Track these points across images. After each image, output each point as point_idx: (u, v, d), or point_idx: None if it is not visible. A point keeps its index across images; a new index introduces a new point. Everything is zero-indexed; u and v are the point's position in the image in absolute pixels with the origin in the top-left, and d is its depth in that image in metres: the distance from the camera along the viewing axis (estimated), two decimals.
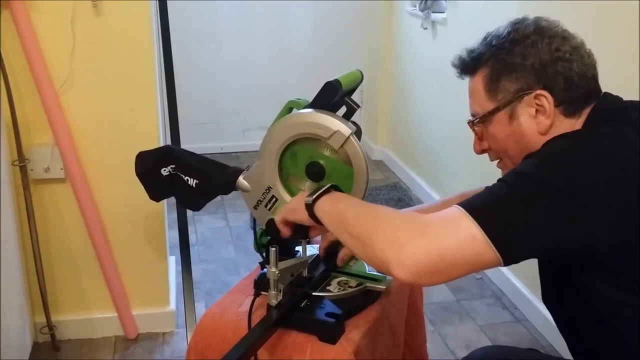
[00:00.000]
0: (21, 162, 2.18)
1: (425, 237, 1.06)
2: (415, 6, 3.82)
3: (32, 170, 2.24)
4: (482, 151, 1.34)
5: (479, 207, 1.07)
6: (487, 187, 1.12)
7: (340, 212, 1.23)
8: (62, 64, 2.15)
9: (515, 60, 1.21)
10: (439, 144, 3.62)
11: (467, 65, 1.30)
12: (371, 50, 4.53)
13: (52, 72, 2.15)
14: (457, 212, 1.07)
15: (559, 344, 2.37)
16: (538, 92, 1.20)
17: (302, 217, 1.31)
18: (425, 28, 3.66)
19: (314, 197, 1.28)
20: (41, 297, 2.34)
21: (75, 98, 2.20)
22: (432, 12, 3.59)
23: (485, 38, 1.28)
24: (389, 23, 4.29)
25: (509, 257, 1.05)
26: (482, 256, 1.04)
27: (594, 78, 1.23)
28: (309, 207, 1.28)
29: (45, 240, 2.32)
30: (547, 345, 2.47)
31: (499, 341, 2.53)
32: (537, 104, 1.20)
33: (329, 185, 1.34)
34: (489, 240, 1.03)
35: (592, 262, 1.08)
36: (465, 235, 1.04)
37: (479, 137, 1.32)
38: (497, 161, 1.34)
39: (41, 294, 2.33)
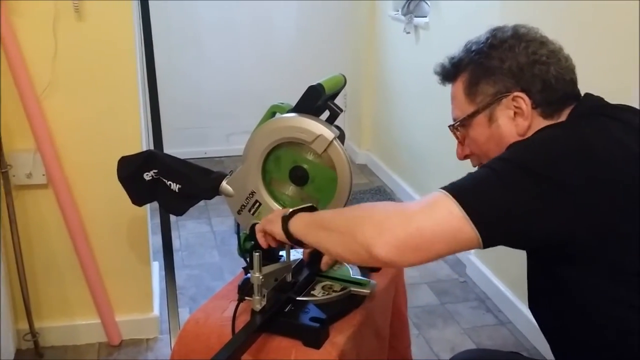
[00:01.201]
0: (3, 168, 2.16)
1: (404, 216, 1.08)
2: (398, 10, 3.84)
3: (14, 176, 2.22)
4: (465, 157, 1.35)
5: (459, 187, 1.10)
6: (469, 172, 1.14)
7: (316, 218, 1.26)
8: (44, 68, 2.13)
9: (493, 64, 1.24)
10: (423, 147, 3.63)
11: (448, 72, 1.33)
12: (354, 54, 4.54)
13: (33, 77, 2.13)
14: (438, 193, 1.10)
15: (543, 347, 2.39)
16: (516, 94, 1.22)
17: (276, 229, 1.33)
18: (408, 32, 3.67)
19: (292, 210, 1.32)
20: (24, 303, 2.31)
21: (57, 103, 2.18)
22: (415, 17, 3.61)
23: (465, 45, 1.31)
24: (372, 27, 4.30)
25: (488, 236, 1.06)
26: (461, 232, 1.06)
27: (572, 81, 1.25)
28: (285, 220, 1.31)
29: (27, 247, 2.30)
30: (531, 348, 2.49)
31: (483, 344, 2.54)
32: (515, 106, 1.22)
33: (309, 205, 1.36)
34: (467, 217, 1.05)
35: (574, 253, 1.09)
36: (445, 212, 1.06)
37: (461, 142, 1.34)
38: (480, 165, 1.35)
39: (24, 300, 2.31)
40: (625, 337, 1.11)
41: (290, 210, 1.33)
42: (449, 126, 1.34)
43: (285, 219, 1.31)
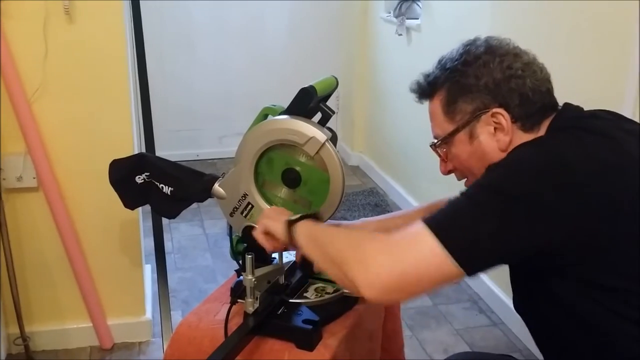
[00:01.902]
0: None
1: (388, 255, 1.09)
2: (389, 12, 3.84)
3: (4, 179, 2.21)
4: (448, 172, 1.35)
5: (439, 221, 1.10)
6: (449, 200, 1.14)
7: (316, 235, 1.26)
8: (35, 71, 2.12)
9: (469, 82, 1.23)
10: (415, 149, 3.63)
11: (424, 90, 1.32)
12: (346, 56, 4.54)
13: (24, 80, 2.12)
14: (419, 228, 1.10)
15: (535, 348, 2.39)
16: (494, 110, 1.21)
17: (278, 229, 1.33)
18: (400, 34, 3.68)
19: (299, 216, 1.32)
20: (14, 307, 2.30)
21: (48, 106, 2.17)
22: (407, 19, 3.62)
23: (439, 61, 1.30)
24: (364, 29, 4.31)
25: (471, 269, 1.08)
26: (444, 271, 1.07)
27: (549, 91, 1.25)
28: (291, 223, 1.31)
29: (18, 250, 2.29)
30: (524, 348, 2.49)
31: (476, 345, 2.54)
32: (494, 122, 1.22)
33: (313, 212, 1.37)
34: (449, 255, 1.06)
35: (556, 265, 1.11)
36: (426, 252, 1.07)
37: (443, 159, 1.33)
38: (464, 180, 1.36)
39: (14, 304, 2.30)
40: (613, 344, 1.12)
41: (297, 216, 1.32)
42: (430, 145, 1.34)
43: (291, 223, 1.31)
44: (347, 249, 1.16)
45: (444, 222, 1.10)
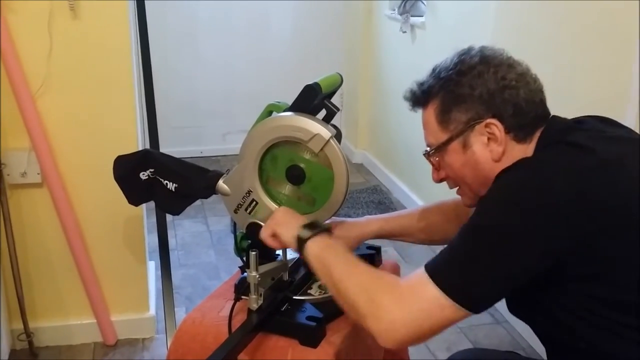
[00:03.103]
0: None
1: (398, 312, 1.12)
2: (394, 10, 3.84)
3: (8, 175, 2.21)
4: (440, 180, 1.35)
5: (438, 269, 1.13)
6: (449, 242, 1.16)
7: (329, 262, 1.26)
8: (39, 66, 2.12)
9: (464, 92, 1.23)
10: (419, 147, 3.59)
11: (418, 99, 1.32)
12: (351, 54, 4.54)
13: (28, 75, 2.12)
14: (422, 278, 1.13)
15: (539, 346, 2.39)
16: (488, 120, 1.21)
17: (288, 238, 1.34)
18: (404, 32, 3.67)
19: (310, 233, 1.32)
20: (18, 303, 2.31)
21: (52, 101, 2.17)
22: (411, 16, 3.61)
23: (433, 70, 1.30)
24: (369, 26, 4.30)
25: (476, 309, 1.12)
26: (452, 316, 1.12)
27: (542, 102, 1.25)
28: (301, 241, 1.31)
29: (22, 246, 2.29)
30: (527, 346, 2.49)
31: (480, 343, 2.54)
32: (488, 132, 1.22)
33: (324, 227, 1.37)
34: (455, 304, 1.10)
35: (555, 281, 1.13)
36: (432, 302, 1.11)
37: (436, 168, 1.34)
38: (456, 188, 1.36)
39: (18, 300, 2.30)
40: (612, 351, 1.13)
41: (308, 233, 1.32)
42: (423, 154, 1.34)
43: (304, 241, 1.31)
44: (359, 296, 1.18)
45: (443, 270, 1.13)
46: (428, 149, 1.32)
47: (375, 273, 1.23)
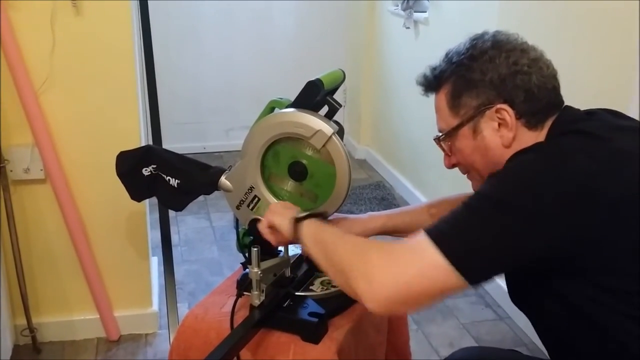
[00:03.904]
0: (0, 163, 2.16)
1: (392, 268, 1.10)
2: (397, 5, 3.83)
3: (11, 171, 2.21)
4: (452, 166, 1.35)
5: (440, 232, 1.11)
6: (452, 210, 1.14)
7: (321, 238, 1.26)
8: (42, 63, 2.12)
9: (475, 77, 1.22)
10: (422, 143, 3.62)
11: (431, 83, 1.32)
12: (354, 50, 4.53)
13: (31, 72, 2.12)
14: (421, 239, 1.11)
15: (541, 342, 2.39)
16: (499, 106, 1.21)
17: (284, 226, 1.34)
18: (408, 27, 3.66)
19: (305, 214, 1.32)
20: (22, 299, 2.31)
21: (55, 98, 2.18)
22: (415, 12, 3.60)
23: (446, 55, 1.30)
24: (372, 22, 4.29)
25: (473, 279, 1.09)
26: (447, 282, 1.08)
27: (555, 89, 1.24)
28: (297, 221, 1.31)
29: (25, 242, 2.30)
30: (530, 342, 2.49)
31: (482, 339, 2.54)
32: (499, 117, 1.21)
33: (320, 211, 1.37)
34: (451, 267, 1.07)
35: (559, 268, 1.11)
36: (429, 264, 1.08)
37: (447, 153, 1.33)
38: (467, 173, 1.35)
39: (22, 295, 2.31)
40: (619, 343, 1.12)
41: (304, 214, 1.33)
42: (434, 139, 1.33)
43: (298, 221, 1.31)
44: (352, 259, 1.16)
45: (445, 233, 1.10)
46: (439, 134, 1.32)
47: (370, 240, 1.23)
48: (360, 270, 1.13)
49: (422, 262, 1.09)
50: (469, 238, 1.09)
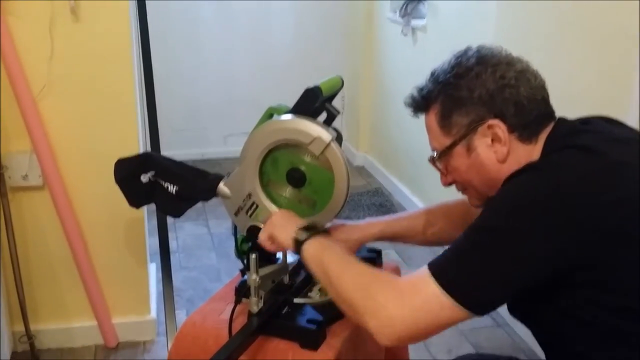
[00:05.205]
0: None
1: (398, 310, 1.11)
2: (395, 12, 3.84)
3: (9, 177, 2.21)
4: (449, 184, 1.35)
5: (441, 268, 1.12)
6: (453, 242, 1.14)
7: (326, 262, 1.26)
8: (40, 69, 2.13)
9: (462, 94, 1.21)
10: (420, 149, 3.62)
11: (419, 104, 1.31)
12: (352, 56, 4.54)
13: (30, 78, 2.12)
14: (425, 276, 1.12)
15: (540, 349, 2.38)
16: (490, 121, 1.20)
17: (285, 240, 1.34)
18: (406, 34, 3.67)
19: (307, 234, 1.32)
20: (20, 305, 2.31)
21: (53, 104, 2.18)
22: (412, 19, 3.61)
23: (432, 74, 1.29)
24: (370, 29, 4.30)
25: (479, 312, 1.11)
26: (454, 317, 1.10)
27: (544, 100, 1.23)
28: (298, 242, 1.31)
29: (23, 249, 2.29)
30: (528, 349, 2.49)
31: (481, 346, 2.54)
32: (491, 133, 1.21)
33: (322, 229, 1.37)
34: (456, 304, 1.08)
35: (559, 286, 1.11)
36: (434, 303, 1.09)
37: (443, 172, 1.33)
38: (464, 190, 1.35)
39: (20, 302, 2.30)
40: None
41: (305, 234, 1.32)
42: (429, 160, 1.33)
43: (300, 243, 1.31)
44: (357, 295, 1.17)
45: (446, 269, 1.11)
46: (433, 154, 1.31)
47: (373, 271, 1.23)
48: (367, 308, 1.14)
49: (426, 300, 1.10)
50: (470, 270, 1.09)
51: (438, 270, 1.11)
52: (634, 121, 1.90)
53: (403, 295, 1.12)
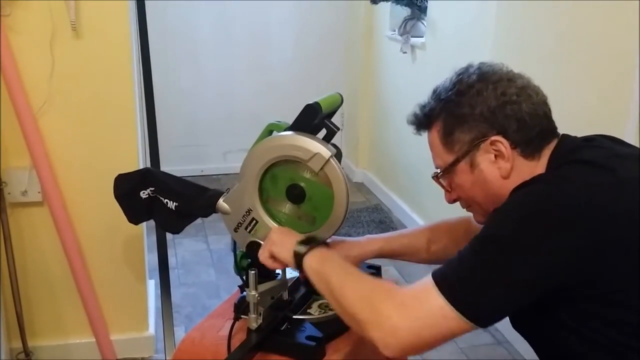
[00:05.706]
0: None
1: (402, 321, 1.11)
2: (394, 30, 3.86)
3: (9, 193, 2.21)
4: (453, 201, 1.35)
5: (445, 279, 1.11)
6: (458, 252, 1.14)
7: (327, 273, 1.26)
8: (41, 86, 2.13)
9: (464, 111, 1.22)
10: (420, 166, 3.63)
11: (421, 122, 1.32)
12: (351, 74, 4.56)
13: (30, 94, 2.13)
14: (429, 287, 1.12)
15: None
16: (493, 138, 1.21)
17: (286, 257, 1.34)
18: (405, 52, 3.69)
19: (306, 250, 1.31)
20: (18, 321, 2.30)
21: (53, 120, 2.18)
22: (411, 37, 3.63)
23: (434, 91, 1.30)
24: (369, 47, 4.32)
25: (483, 324, 1.10)
26: (458, 329, 1.10)
27: (546, 115, 1.24)
28: (299, 256, 1.31)
29: (22, 265, 2.29)
30: None
31: None
32: (494, 149, 1.21)
33: (320, 242, 1.37)
34: (459, 315, 1.08)
35: (563, 298, 1.12)
36: (438, 314, 1.09)
37: (447, 189, 1.33)
38: (469, 207, 1.35)
39: (17, 318, 2.29)
40: None
41: (304, 248, 1.32)
42: (432, 177, 1.33)
43: (301, 257, 1.31)
44: (361, 307, 1.17)
45: (451, 280, 1.11)
46: (437, 171, 1.32)
47: (374, 281, 1.23)
48: (371, 320, 1.14)
49: (430, 310, 1.10)
50: (473, 283, 1.09)
51: (442, 280, 1.11)
52: (631, 138, 1.91)
53: (406, 306, 1.12)
